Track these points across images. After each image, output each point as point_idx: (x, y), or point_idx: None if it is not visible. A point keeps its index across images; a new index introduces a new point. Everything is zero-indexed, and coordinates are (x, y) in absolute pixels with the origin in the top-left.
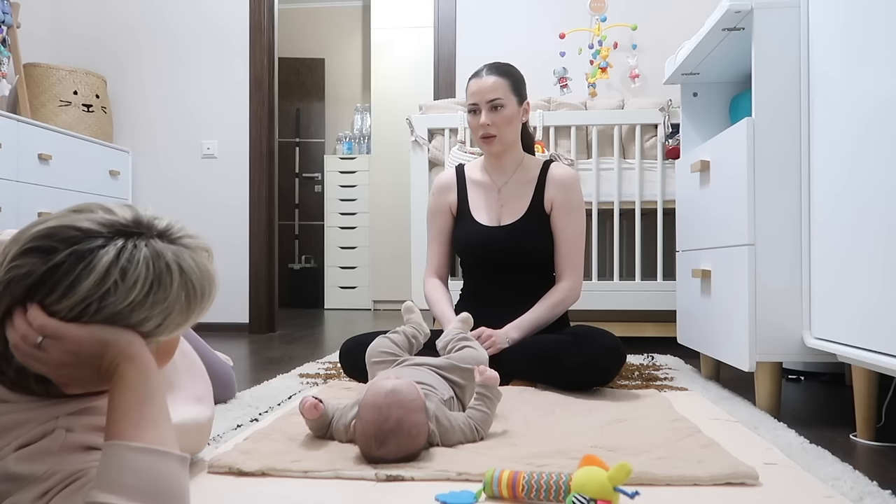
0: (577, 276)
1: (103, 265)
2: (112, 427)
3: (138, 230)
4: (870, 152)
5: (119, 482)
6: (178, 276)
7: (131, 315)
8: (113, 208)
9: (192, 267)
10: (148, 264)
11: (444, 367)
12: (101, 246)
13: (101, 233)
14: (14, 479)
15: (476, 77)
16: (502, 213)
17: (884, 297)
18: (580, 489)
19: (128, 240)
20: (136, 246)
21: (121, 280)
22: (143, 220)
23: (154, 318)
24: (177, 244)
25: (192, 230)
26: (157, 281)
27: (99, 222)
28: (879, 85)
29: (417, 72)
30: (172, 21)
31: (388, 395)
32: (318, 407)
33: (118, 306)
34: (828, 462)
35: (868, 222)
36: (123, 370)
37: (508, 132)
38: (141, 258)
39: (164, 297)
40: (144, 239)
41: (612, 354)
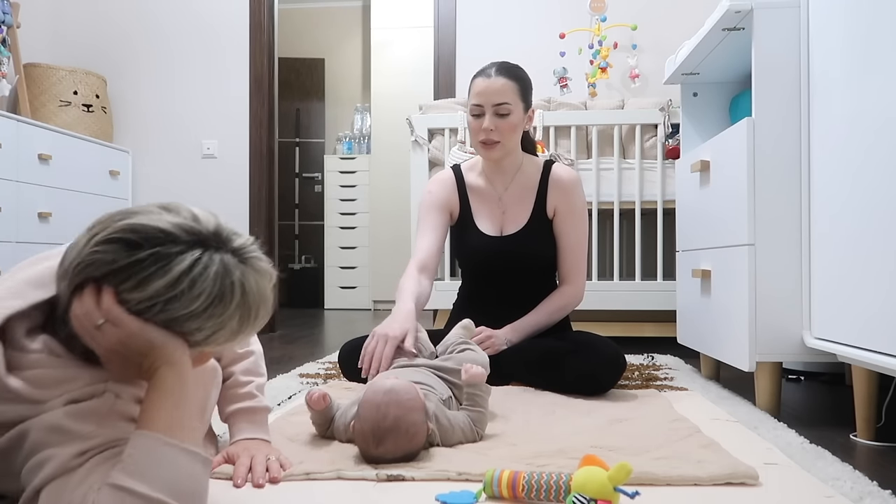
0: (580, 281)
1: (177, 272)
2: (145, 422)
3: (216, 243)
4: (869, 152)
5: (147, 472)
6: (240, 296)
7: (187, 323)
8: (198, 215)
9: (253, 290)
10: (216, 279)
11: (443, 367)
12: (179, 252)
13: (183, 239)
14: (60, 432)
15: (483, 76)
16: (504, 222)
17: (883, 297)
18: (580, 489)
19: (204, 251)
20: (211, 259)
21: (188, 289)
22: (223, 233)
23: (206, 330)
24: (247, 264)
25: (261, 252)
26: (219, 297)
27: (183, 228)
28: (879, 84)
29: (417, 72)
30: (173, 21)
31: (386, 394)
32: (326, 398)
33: (178, 312)
34: (828, 462)
35: (868, 222)
36: (163, 373)
37: (511, 140)
38: (212, 273)
39: (221, 313)
40: (220, 253)
41: (612, 364)
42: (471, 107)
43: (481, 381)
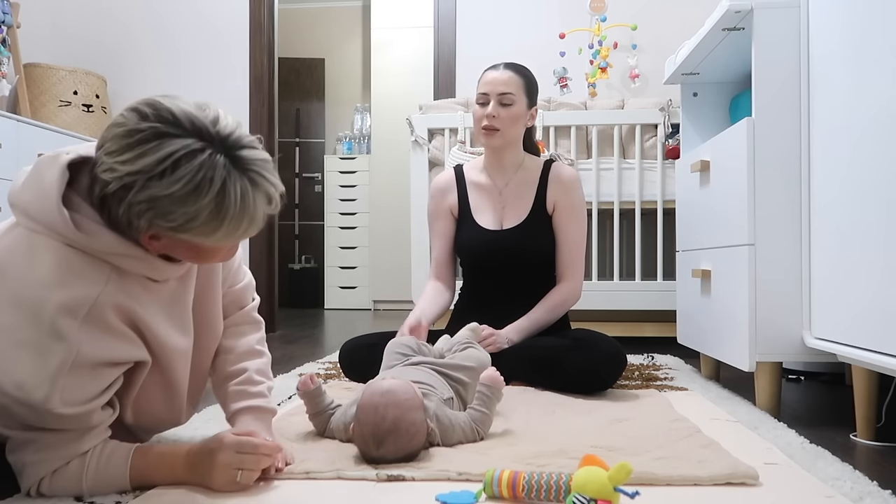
0: (578, 278)
1: (166, 152)
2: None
3: (221, 145)
4: (869, 152)
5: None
6: (216, 194)
7: (162, 204)
8: (220, 117)
9: (233, 194)
10: (198, 170)
11: (446, 365)
12: (176, 135)
13: (187, 128)
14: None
15: (492, 69)
16: (504, 216)
17: (884, 297)
18: (580, 489)
19: (203, 145)
20: (203, 151)
21: (170, 171)
22: (232, 138)
23: (178, 218)
24: (242, 172)
25: (276, 176)
26: (195, 188)
27: (193, 120)
28: (879, 84)
29: (417, 72)
30: (172, 21)
31: (383, 396)
32: (313, 379)
33: (157, 192)
34: (828, 462)
35: (868, 222)
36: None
37: (511, 130)
38: (196, 163)
39: (195, 202)
40: (217, 152)
41: (613, 360)
42: (477, 96)
43: (499, 386)
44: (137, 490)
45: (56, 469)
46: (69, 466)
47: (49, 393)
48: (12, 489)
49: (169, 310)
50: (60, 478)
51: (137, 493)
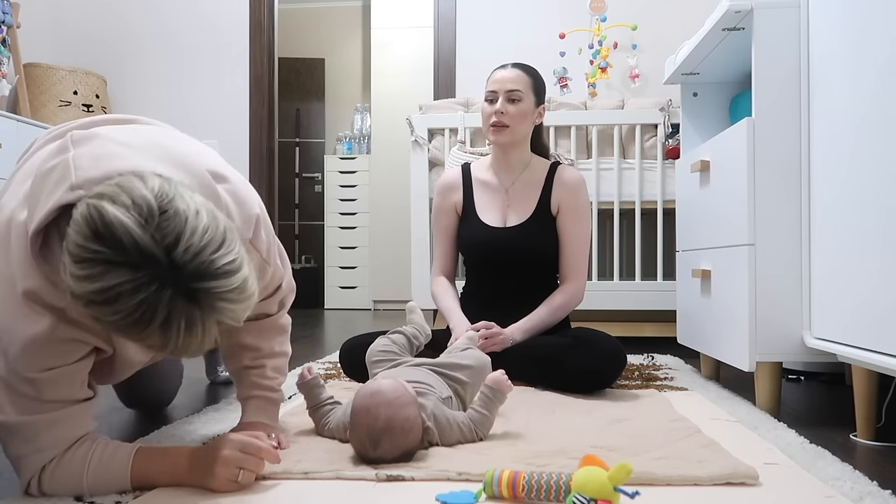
0: (581, 280)
1: (108, 284)
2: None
3: (169, 274)
4: (869, 152)
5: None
6: (157, 326)
7: (107, 326)
8: (182, 236)
9: (178, 325)
10: (137, 307)
11: (444, 365)
12: (121, 265)
13: (133, 256)
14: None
15: (501, 68)
16: (508, 214)
17: (883, 297)
18: (580, 489)
19: (148, 276)
20: (148, 286)
21: (111, 302)
22: (187, 268)
23: (125, 337)
24: (194, 302)
25: (243, 295)
26: (135, 322)
27: (142, 248)
28: (879, 84)
29: (417, 72)
30: (172, 21)
31: (373, 397)
32: (311, 370)
33: (101, 316)
34: (828, 462)
35: (868, 222)
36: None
37: (519, 127)
38: (138, 300)
39: (137, 333)
40: (163, 284)
41: (613, 359)
42: (486, 94)
43: (504, 389)
44: (138, 490)
45: (54, 464)
46: (69, 464)
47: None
48: (12, 489)
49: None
50: (61, 474)
51: (138, 493)
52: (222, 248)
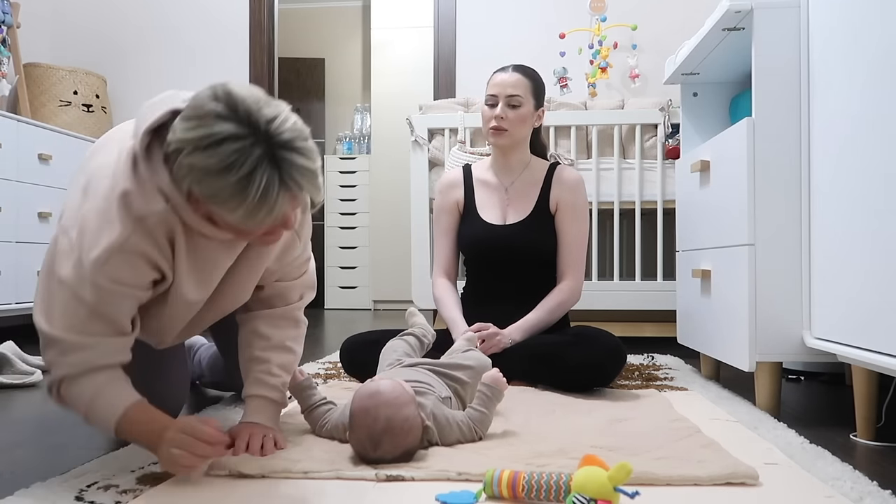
0: (579, 278)
1: (215, 130)
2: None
3: (264, 138)
4: (869, 153)
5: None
6: (240, 177)
7: (197, 174)
8: (280, 117)
9: (258, 183)
10: (232, 153)
11: (443, 365)
12: (229, 120)
13: (241, 116)
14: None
15: (501, 71)
16: (508, 212)
17: (883, 297)
18: (580, 489)
19: (249, 134)
20: (245, 139)
21: (212, 147)
22: (279, 138)
23: (206, 189)
24: (277, 169)
25: (315, 185)
26: (225, 167)
27: (250, 112)
28: (879, 84)
29: (417, 72)
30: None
31: (372, 398)
32: (301, 372)
33: (196, 162)
34: (828, 462)
35: (868, 222)
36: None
37: (519, 131)
38: (235, 147)
39: (222, 179)
40: (258, 144)
41: (613, 355)
42: (486, 97)
43: (501, 387)
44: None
45: (73, 381)
46: (82, 386)
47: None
48: (12, 489)
49: (199, 265)
50: (73, 392)
51: (138, 493)
52: (308, 140)
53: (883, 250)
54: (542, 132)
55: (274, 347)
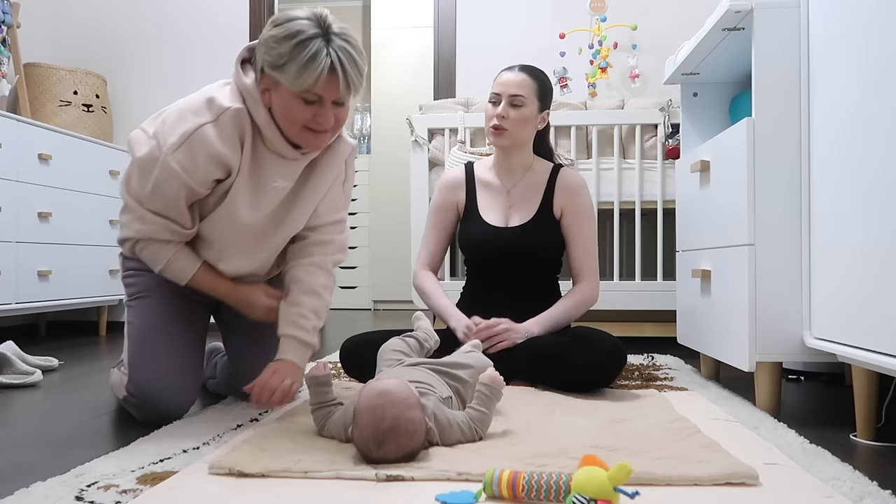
0: (595, 279)
1: (291, 22)
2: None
3: (324, 30)
4: (869, 152)
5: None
6: (297, 42)
7: (268, 43)
8: (337, 24)
9: (309, 48)
10: (296, 30)
11: (444, 364)
12: (303, 19)
13: (311, 18)
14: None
15: (508, 70)
16: (510, 215)
17: (883, 297)
18: (580, 489)
19: (314, 26)
20: (310, 28)
21: (282, 27)
22: (333, 29)
23: (270, 54)
24: (328, 45)
25: (355, 66)
26: (287, 36)
27: (318, 16)
28: (878, 84)
29: (417, 71)
30: (172, 21)
31: (380, 396)
32: (325, 366)
33: (268, 34)
34: (828, 462)
35: (868, 221)
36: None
37: (520, 131)
38: (298, 27)
39: (283, 44)
40: (319, 31)
41: (613, 356)
42: (490, 95)
43: (499, 385)
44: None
45: (149, 244)
46: (157, 250)
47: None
48: (12, 489)
49: (257, 181)
50: (148, 251)
51: (138, 493)
52: (358, 43)
53: (882, 250)
54: (548, 135)
55: (307, 292)
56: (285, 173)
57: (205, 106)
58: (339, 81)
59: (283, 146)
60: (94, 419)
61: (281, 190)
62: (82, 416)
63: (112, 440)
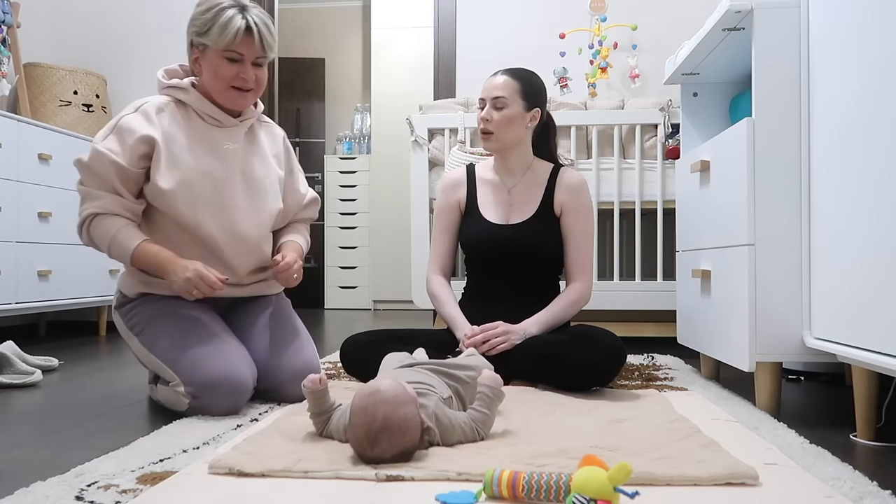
0: (589, 279)
1: (214, 4)
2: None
3: (240, 6)
4: (869, 152)
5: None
6: (216, 11)
7: (194, 19)
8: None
9: (226, 14)
10: (216, 3)
11: (445, 364)
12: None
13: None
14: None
15: (493, 75)
16: (511, 213)
17: (883, 297)
18: (580, 489)
19: (234, 3)
20: (234, 7)
21: (205, 5)
22: (248, 4)
23: (196, 24)
24: (242, 12)
25: (268, 31)
26: (208, 8)
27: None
28: (878, 84)
29: (417, 72)
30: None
31: (371, 396)
32: (322, 380)
33: (194, 13)
34: (828, 462)
35: (868, 222)
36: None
37: (506, 132)
38: (219, 1)
39: (205, 14)
40: (237, 7)
41: (613, 354)
42: (478, 100)
43: (498, 385)
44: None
45: (98, 220)
46: (102, 226)
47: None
48: (12, 489)
49: (209, 153)
50: (96, 231)
51: (138, 493)
52: (270, 17)
53: (883, 250)
54: (552, 137)
55: (299, 237)
56: (231, 137)
57: (130, 107)
58: (255, 39)
59: (218, 114)
60: (94, 419)
61: (234, 152)
62: (82, 416)
63: (112, 440)
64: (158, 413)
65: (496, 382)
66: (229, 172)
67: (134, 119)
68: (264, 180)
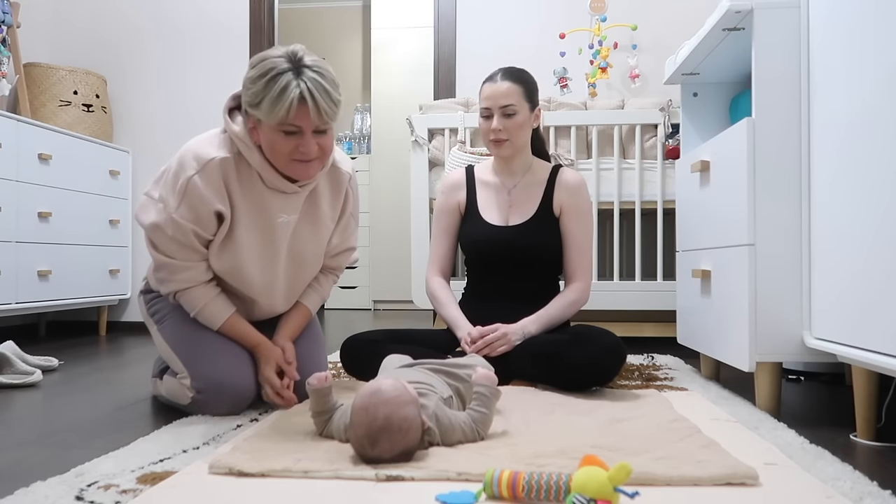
0: (588, 278)
1: (263, 62)
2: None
3: (295, 63)
4: (869, 152)
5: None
6: (268, 79)
7: (246, 86)
8: (306, 55)
9: (279, 82)
10: (269, 68)
11: (445, 364)
12: (276, 57)
13: (283, 54)
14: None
15: (490, 81)
16: (511, 214)
17: (883, 298)
18: (580, 489)
19: (286, 61)
20: (282, 64)
21: (257, 67)
22: (303, 62)
23: (247, 94)
24: (297, 77)
25: (325, 94)
26: (260, 74)
27: (290, 52)
28: (879, 84)
29: (417, 72)
30: (172, 21)
31: (372, 396)
32: (328, 378)
33: (246, 76)
34: (828, 462)
35: (868, 222)
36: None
37: (519, 137)
38: (271, 64)
39: (257, 82)
40: (290, 65)
41: (612, 354)
42: (481, 110)
43: (493, 383)
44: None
45: (185, 293)
46: (193, 296)
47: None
48: (12, 489)
49: (256, 210)
50: (186, 298)
51: (138, 493)
52: (330, 72)
53: (883, 250)
54: (540, 130)
55: (313, 289)
56: (286, 208)
57: (192, 160)
58: (310, 110)
59: (280, 182)
60: (94, 419)
61: (287, 224)
62: (82, 416)
63: (112, 440)
64: (159, 413)
65: (491, 380)
66: (277, 248)
67: (203, 185)
68: (309, 255)
